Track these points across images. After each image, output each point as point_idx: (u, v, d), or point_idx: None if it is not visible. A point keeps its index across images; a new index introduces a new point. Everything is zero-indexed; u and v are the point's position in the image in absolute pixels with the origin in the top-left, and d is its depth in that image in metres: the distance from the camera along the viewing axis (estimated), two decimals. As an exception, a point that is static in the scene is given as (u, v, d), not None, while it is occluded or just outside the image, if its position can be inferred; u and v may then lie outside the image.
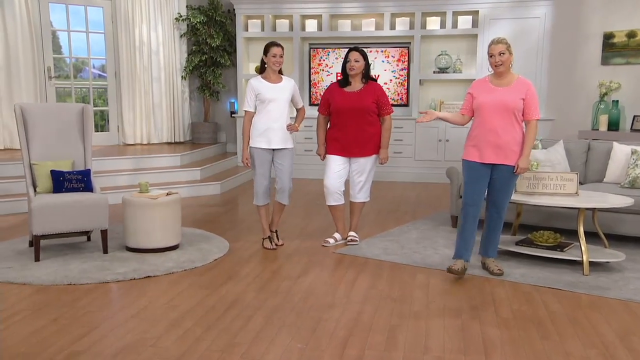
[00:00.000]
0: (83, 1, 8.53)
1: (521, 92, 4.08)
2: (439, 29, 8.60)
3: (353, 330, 3.27)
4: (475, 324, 3.39)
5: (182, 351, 2.96)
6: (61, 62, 8.78)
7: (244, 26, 9.01)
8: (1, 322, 3.32)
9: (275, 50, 4.78)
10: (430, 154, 8.62)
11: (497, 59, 4.06)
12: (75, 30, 8.60)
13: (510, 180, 4.18)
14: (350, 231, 5.15)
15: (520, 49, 8.29)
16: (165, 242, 4.68)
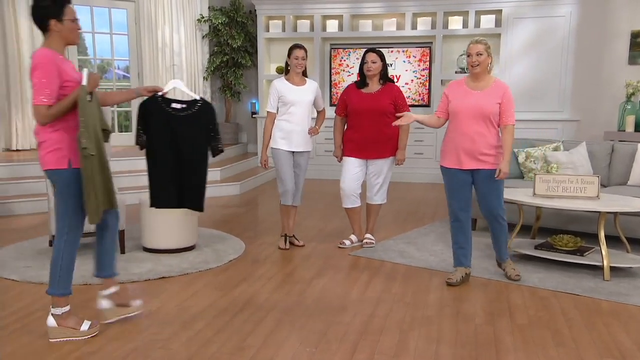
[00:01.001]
0: (107, 3, 8.64)
1: (497, 96, 3.93)
2: (461, 29, 8.51)
3: (364, 334, 3.24)
4: (489, 330, 3.34)
5: (191, 353, 2.97)
6: (87, 63, 8.89)
7: (265, 27, 9.03)
8: (17, 321, 3.37)
9: (298, 52, 4.78)
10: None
11: (474, 58, 3.90)
12: (99, 32, 8.72)
13: (494, 183, 4.00)
14: (366, 233, 5.12)
15: (544, 48, 8.17)
16: (181, 243, 4.71)
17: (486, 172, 3.99)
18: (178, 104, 3.51)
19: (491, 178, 3.98)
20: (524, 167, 5.70)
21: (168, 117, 3.50)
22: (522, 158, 5.73)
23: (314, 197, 7.35)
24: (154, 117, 3.51)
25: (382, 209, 5.37)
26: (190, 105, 3.52)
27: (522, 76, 8.29)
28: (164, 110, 3.49)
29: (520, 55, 8.28)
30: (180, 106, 3.49)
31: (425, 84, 8.74)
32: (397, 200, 7.11)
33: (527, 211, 5.04)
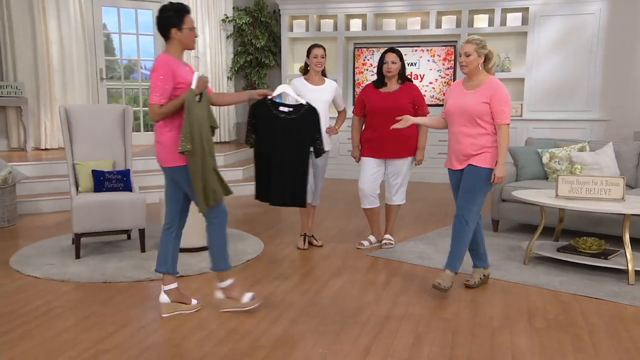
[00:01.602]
0: (133, 4, 8.74)
1: (485, 96, 3.74)
2: (487, 27, 8.39)
3: (378, 337, 3.21)
4: (506, 334, 3.28)
5: (204, 353, 2.98)
6: (114, 63, 9.02)
7: (288, 26, 9.03)
8: (37, 317, 3.42)
9: (317, 51, 4.77)
10: (477, 155, 8.40)
11: (462, 59, 3.79)
12: (126, 32, 8.83)
13: (474, 183, 3.78)
14: (385, 234, 5.08)
15: (572, 46, 8.02)
16: (201, 242, 4.71)
17: (468, 169, 3.82)
18: (285, 108, 3.70)
19: (472, 174, 3.79)
20: (548, 167, 5.60)
21: (276, 120, 3.71)
22: (546, 159, 5.62)
23: (335, 197, 7.33)
24: (263, 119, 3.74)
25: (402, 210, 5.35)
26: (297, 109, 3.69)
27: (549, 75, 8.15)
28: (273, 113, 3.70)
29: (547, 53, 8.13)
30: (287, 109, 3.69)
31: (449, 83, 8.64)
32: (419, 201, 7.05)
33: (551, 213, 4.94)
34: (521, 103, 8.33)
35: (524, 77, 8.28)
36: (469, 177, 3.82)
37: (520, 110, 8.34)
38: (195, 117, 3.20)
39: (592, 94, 8.03)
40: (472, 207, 3.82)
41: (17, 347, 3.02)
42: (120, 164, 5.03)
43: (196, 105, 3.21)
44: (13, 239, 5.28)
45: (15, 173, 5.87)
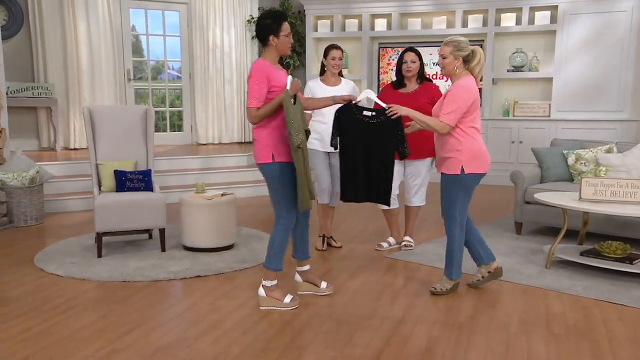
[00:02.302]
0: (161, 6, 8.85)
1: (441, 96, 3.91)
2: (514, 26, 8.26)
3: (390, 340, 3.18)
4: (522, 340, 3.22)
5: (216, 354, 2.99)
6: (143, 64, 9.15)
7: (313, 27, 9.04)
8: (56, 315, 3.48)
9: (335, 52, 4.76)
10: (503, 156, 8.30)
11: (439, 60, 3.81)
12: (153, 34, 8.94)
13: (445, 186, 3.83)
14: (405, 236, 5.04)
15: (603, 44, 7.83)
16: (220, 242, 4.76)
17: (442, 176, 3.85)
18: (369, 112, 3.77)
19: (445, 180, 3.82)
20: (574, 169, 5.48)
21: (360, 124, 3.78)
22: (571, 160, 5.51)
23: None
24: (348, 123, 3.81)
25: (423, 211, 5.30)
26: (379, 114, 3.75)
27: (578, 74, 7.98)
28: (357, 117, 3.78)
29: (577, 52, 7.96)
30: (371, 114, 3.76)
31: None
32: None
33: (574, 216, 4.84)
34: (549, 103, 8.18)
35: (552, 76, 8.12)
36: (444, 181, 3.87)
37: (548, 110, 8.19)
38: (295, 115, 3.38)
39: (623, 93, 7.84)
40: (449, 211, 3.85)
41: (35, 344, 3.09)
42: (142, 164, 5.10)
43: (291, 106, 3.39)
44: (40, 237, 5.39)
45: (43, 172, 6.00)
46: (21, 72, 8.09)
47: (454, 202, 3.81)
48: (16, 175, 5.77)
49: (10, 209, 5.74)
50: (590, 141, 5.79)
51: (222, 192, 4.89)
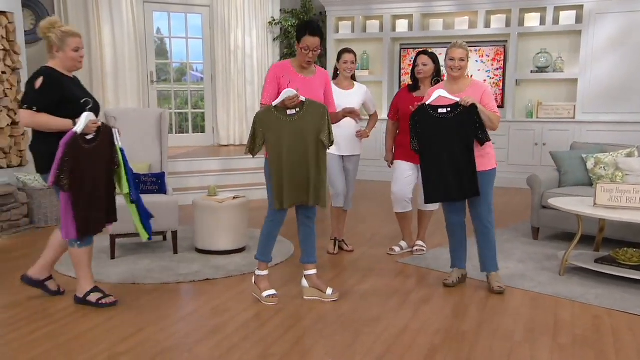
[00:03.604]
0: (184, 9, 8.94)
1: (478, 94, 3.94)
2: (539, 26, 8.12)
3: (391, 348, 3.16)
4: (526, 349, 3.16)
5: (214, 359, 3.01)
6: (168, 66, 9.25)
7: (334, 28, 9.02)
8: (64, 317, 3.55)
9: (347, 56, 4.76)
10: (525, 159, 8.17)
11: (456, 63, 3.90)
12: (176, 36, 9.04)
13: (485, 184, 4.02)
14: (418, 240, 5.00)
15: (630, 45, 7.64)
16: (231, 245, 4.79)
17: (480, 175, 3.96)
18: (444, 109, 3.84)
19: (484, 179, 3.98)
20: (593, 173, 5.36)
21: (438, 122, 3.86)
22: (591, 164, 5.38)
23: (376, 200, 7.28)
24: (426, 123, 3.90)
25: (438, 215, 5.19)
26: (454, 108, 3.81)
27: (604, 75, 7.79)
28: (433, 116, 3.86)
29: (603, 53, 7.77)
30: (446, 110, 3.83)
31: (499, 84, 8.42)
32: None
33: (590, 222, 4.73)
34: (574, 104, 8.01)
35: (577, 77, 7.96)
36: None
37: (573, 112, 8.03)
38: (264, 131, 3.62)
39: (650, 94, 7.63)
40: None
41: (39, 346, 3.15)
42: (156, 167, 5.16)
43: (273, 121, 3.60)
44: (59, 237, 5.49)
45: (63, 174, 6.11)
46: (47, 74, 8.25)
47: (491, 197, 4.02)
48: (37, 177, 5.90)
49: (31, 210, 5.88)
50: (611, 145, 5.66)
51: (234, 195, 4.92)
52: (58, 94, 3.49)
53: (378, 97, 8.73)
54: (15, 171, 6.06)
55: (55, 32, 3.52)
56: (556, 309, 3.75)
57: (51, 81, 3.49)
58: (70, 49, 3.55)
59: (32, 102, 3.45)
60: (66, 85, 3.55)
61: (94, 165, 3.54)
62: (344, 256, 4.89)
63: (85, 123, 3.45)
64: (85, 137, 3.49)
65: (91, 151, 3.51)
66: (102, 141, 3.58)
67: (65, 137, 3.41)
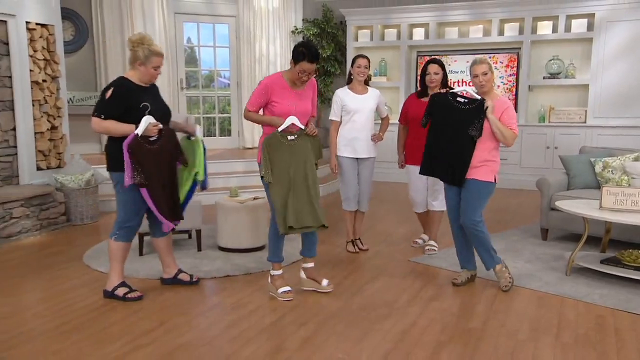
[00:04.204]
0: (212, 19, 9.01)
1: (500, 110, 3.88)
2: (551, 34, 7.99)
3: (398, 344, 3.14)
4: (529, 347, 3.12)
5: (230, 352, 3.03)
6: (197, 73, 9.34)
7: (354, 36, 9.00)
8: (93, 310, 3.60)
9: (361, 61, 4.75)
10: (537, 161, 8.05)
11: (480, 79, 3.86)
12: (204, 45, 9.12)
13: (475, 191, 3.96)
14: (429, 240, 4.97)
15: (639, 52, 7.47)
16: (252, 243, 4.82)
17: (472, 182, 3.93)
18: (462, 99, 3.91)
19: (475, 187, 3.92)
20: (601, 177, 5.26)
21: (451, 108, 3.93)
22: (599, 168, 5.29)
23: (392, 201, 7.25)
24: (441, 105, 3.98)
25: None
26: (471, 102, 3.88)
27: (615, 81, 7.64)
28: (450, 101, 3.94)
29: (613, 59, 7.62)
30: (463, 101, 3.91)
31: (512, 89, 8.30)
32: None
33: (597, 223, 4.65)
34: (585, 109, 7.87)
35: (588, 83, 7.82)
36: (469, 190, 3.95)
37: (584, 116, 7.88)
38: (270, 157, 3.65)
39: (661, 101, 7.46)
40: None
41: (68, 339, 3.20)
42: (182, 170, 5.19)
43: (276, 145, 3.65)
44: (93, 235, 5.59)
45: (97, 175, 6.21)
46: (85, 82, 8.40)
47: (482, 207, 3.95)
48: (74, 177, 6.00)
49: (68, 209, 5.99)
50: (619, 149, 5.55)
51: (254, 197, 4.95)
52: (124, 103, 3.62)
53: (395, 102, 8.69)
54: (54, 172, 6.17)
55: (143, 48, 3.64)
56: (561, 308, 3.69)
57: (120, 92, 3.63)
58: (151, 66, 3.67)
59: (100, 110, 3.63)
60: (135, 94, 3.66)
61: (159, 165, 3.67)
62: (359, 255, 4.88)
63: (145, 126, 3.58)
64: (149, 138, 3.62)
65: (155, 151, 3.64)
66: (165, 142, 3.69)
67: (127, 139, 3.57)
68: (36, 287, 4.07)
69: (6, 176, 5.82)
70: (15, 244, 5.23)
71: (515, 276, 4.25)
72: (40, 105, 6.12)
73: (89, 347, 3.09)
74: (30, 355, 3.00)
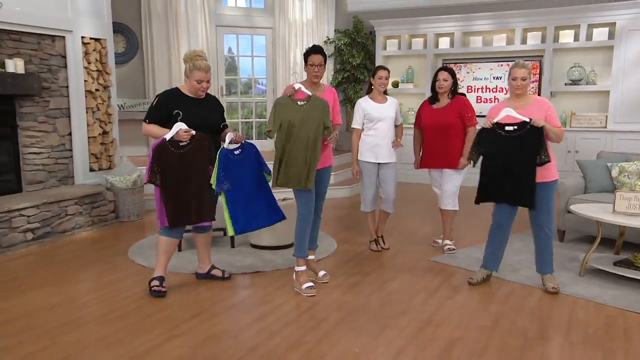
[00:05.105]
0: (250, 31, 9.10)
1: (542, 111, 3.76)
2: (572, 42, 7.79)
3: (412, 341, 3.14)
4: (538, 346, 3.07)
5: (255, 344, 3.08)
6: (237, 81, 9.45)
7: (383, 45, 8.97)
8: (133, 302, 3.70)
9: (382, 73, 4.74)
10: (559, 165, 7.73)
11: (517, 82, 3.75)
12: (243, 55, 9.23)
13: (547, 194, 3.88)
14: (445, 240, 4.94)
15: (658, 59, 7.23)
16: (282, 241, 4.86)
17: (543, 185, 3.83)
18: (511, 127, 3.75)
19: (547, 190, 3.83)
20: (617, 181, 5.12)
21: (503, 139, 3.77)
22: (615, 172, 5.14)
23: (416, 201, 7.20)
24: (491, 140, 3.82)
25: (476, 214, 5.15)
26: (521, 127, 3.72)
27: (635, 88, 7.39)
28: (499, 134, 3.79)
29: (634, 66, 7.38)
30: (513, 128, 3.74)
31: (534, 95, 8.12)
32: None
33: (610, 227, 4.54)
34: (606, 115, 7.66)
35: (609, 89, 7.60)
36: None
37: (604, 121, 7.67)
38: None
39: (682, 106, 7.20)
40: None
41: (111, 327, 3.31)
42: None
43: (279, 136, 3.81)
44: (138, 231, 5.74)
45: (143, 176, 6.36)
46: (135, 90, 8.61)
47: (554, 205, 3.87)
48: (122, 178, 6.17)
49: (117, 207, 6.16)
50: (636, 154, 5.39)
51: (283, 198, 4.99)
52: (166, 110, 3.74)
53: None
54: (104, 173, 6.35)
55: (190, 63, 3.76)
56: (572, 308, 3.62)
57: (162, 101, 3.77)
58: (194, 79, 3.77)
59: (147, 115, 3.79)
60: (178, 103, 3.76)
61: (183, 168, 3.71)
62: (382, 253, 4.87)
63: (174, 132, 3.66)
64: (179, 143, 3.69)
65: (181, 155, 3.70)
66: (194, 148, 3.74)
67: (155, 142, 3.68)
68: (86, 279, 4.22)
69: (63, 177, 6.03)
70: (70, 239, 5.41)
71: (530, 277, 4.18)
72: (93, 112, 6.31)
73: (129, 335, 3.19)
74: (78, 341, 3.11)
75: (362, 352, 2.99)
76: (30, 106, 5.65)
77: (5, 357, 2.93)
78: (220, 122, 4.01)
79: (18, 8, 5.38)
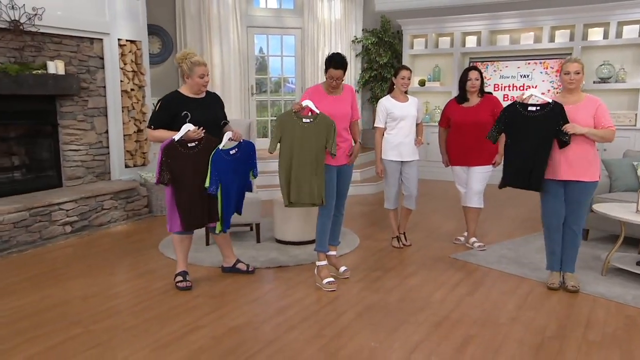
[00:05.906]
0: (280, 31, 9.15)
1: (593, 108, 3.64)
2: (601, 40, 7.57)
3: (429, 336, 3.13)
4: (555, 344, 3.02)
5: (275, 337, 3.12)
6: (267, 80, 9.53)
7: (409, 44, 8.89)
8: (160, 294, 3.78)
9: (405, 73, 4.71)
10: (585, 162, 7.65)
11: (571, 77, 3.64)
12: (273, 55, 9.29)
13: (587, 194, 3.76)
14: (471, 237, 4.89)
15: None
16: (305, 236, 4.89)
17: (582, 185, 3.73)
18: (533, 107, 3.76)
19: (587, 190, 3.73)
20: (643, 180, 4.97)
21: (525, 119, 3.77)
22: (641, 171, 5.00)
23: (439, 198, 7.13)
24: (516, 119, 3.81)
25: (498, 211, 5.08)
26: (543, 107, 3.72)
27: (666, 84, 7.17)
28: (522, 113, 3.78)
29: (665, 63, 7.15)
30: (535, 108, 3.75)
31: (562, 93, 7.94)
32: (522, 206, 6.60)
33: (634, 226, 4.41)
34: (635, 113, 7.43)
35: (639, 87, 7.37)
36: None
37: (634, 119, 7.44)
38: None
39: None
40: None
41: (140, 317, 3.40)
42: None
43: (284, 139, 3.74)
44: (170, 225, 5.85)
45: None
46: (169, 89, 8.59)
47: (588, 205, 3.81)
48: (154, 174, 6.29)
49: (150, 202, 6.30)
50: (664, 153, 5.22)
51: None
52: (169, 113, 3.74)
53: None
54: (138, 170, 6.50)
55: (186, 62, 3.74)
56: (592, 307, 3.54)
57: (164, 104, 3.76)
58: (196, 76, 3.74)
59: (150, 121, 3.78)
60: (181, 105, 3.75)
61: (193, 169, 3.70)
62: (403, 250, 4.85)
63: (182, 133, 3.66)
64: (188, 144, 3.69)
65: (190, 156, 3.70)
66: (202, 149, 3.73)
67: (164, 143, 3.67)
68: (120, 270, 4.33)
69: (100, 172, 6.20)
70: (105, 232, 5.56)
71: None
72: (128, 111, 6.46)
73: (156, 325, 3.27)
74: (109, 330, 3.21)
75: (379, 347, 2.99)
76: (69, 105, 5.82)
77: (39, 343, 3.05)
78: (223, 116, 3.99)
79: (59, 13, 5.54)
